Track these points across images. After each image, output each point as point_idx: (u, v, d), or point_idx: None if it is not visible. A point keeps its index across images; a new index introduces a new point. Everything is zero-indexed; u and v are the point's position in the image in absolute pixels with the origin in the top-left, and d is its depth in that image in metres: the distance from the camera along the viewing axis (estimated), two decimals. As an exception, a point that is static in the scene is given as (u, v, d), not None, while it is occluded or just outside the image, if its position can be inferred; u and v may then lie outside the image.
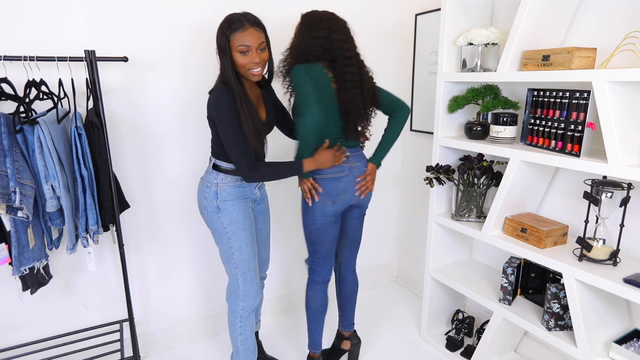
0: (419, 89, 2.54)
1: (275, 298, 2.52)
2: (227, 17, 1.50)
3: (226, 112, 1.48)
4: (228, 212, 1.63)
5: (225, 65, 1.49)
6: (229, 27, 1.47)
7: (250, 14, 1.52)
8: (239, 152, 1.51)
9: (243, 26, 1.47)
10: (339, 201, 1.72)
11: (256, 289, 1.73)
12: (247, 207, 1.70)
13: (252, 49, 1.49)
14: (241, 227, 1.65)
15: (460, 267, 2.21)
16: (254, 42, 1.49)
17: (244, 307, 1.72)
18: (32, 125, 1.52)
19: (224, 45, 1.48)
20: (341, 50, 1.63)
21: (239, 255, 1.67)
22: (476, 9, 1.97)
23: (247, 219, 1.67)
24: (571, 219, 1.82)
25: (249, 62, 1.50)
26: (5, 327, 1.86)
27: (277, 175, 1.61)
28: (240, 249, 1.66)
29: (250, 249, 1.69)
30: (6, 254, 1.60)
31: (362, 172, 1.76)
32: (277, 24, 2.09)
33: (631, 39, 1.44)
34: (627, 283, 1.38)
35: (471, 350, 2.09)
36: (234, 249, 1.66)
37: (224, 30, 1.48)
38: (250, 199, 1.72)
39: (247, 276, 1.70)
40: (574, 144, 1.53)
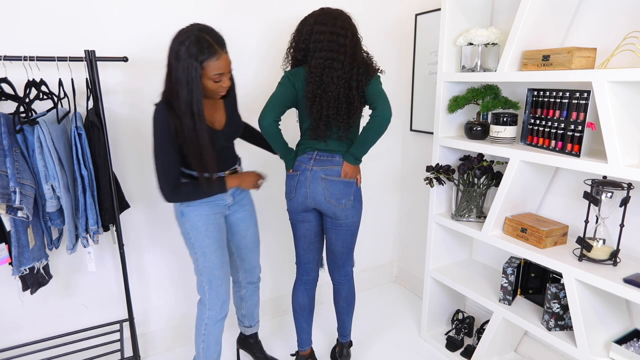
0: (419, 89, 2.53)
1: (271, 299, 2.52)
2: (192, 37, 1.36)
3: (158, 132, 1.43)
4: (190, 217, 1.59)
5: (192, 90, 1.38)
6: (201, 52, 1.36)
7: (213, 31, 1.41)
8: (161, 173, 1.47)
9: (217, 52, 1.39)
10: (292, 199, 1.75)
11: (223, 299, 1.68)
12: (214, 213, 1.64)
13: (225, 74, 1.45)
14: (203, 234, 1.60)
15: (460, 267, 2.21)
16: (227, 69, 1.45)
17: (210, 316, 1.68)
18: (32, 125, 1.52)
19: (194, 74, 1.37)
20: (316, 44, 1.58)
21: (203, 262, 1.62)
22: (476, 9, 1.97)
23: (213, 225, 1.62)
24: (571, 219, 1.82)
25: (219, 87, 1.46)
26: (5, 327, 1.86)
27: (199, 194, 1.56)
28: (204, 255, 1.62)
29: (215, 256, 1.63)
30: (6, 254, 1.60)
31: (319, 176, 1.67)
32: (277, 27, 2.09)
33: (631, 39, 1.44)
34: (627, 283, 1.38)
35: (471, 350, 2.09)
36: (198, 255, 1.62)
37: (195, 56, 1.36)
38: (218, 204, 1.65)
39: (212, 284, 1.65)
40: (574, 144, 1.53)
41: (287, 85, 1.63)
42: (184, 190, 1.53)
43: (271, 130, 1.60)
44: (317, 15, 1.61)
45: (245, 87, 2.15)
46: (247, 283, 1.92)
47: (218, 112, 1.60)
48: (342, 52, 1.57)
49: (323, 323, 2.46)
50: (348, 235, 1.81)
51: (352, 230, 1.80)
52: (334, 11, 1.62)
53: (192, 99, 1.40)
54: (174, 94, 1.41)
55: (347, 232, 1.79)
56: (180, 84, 1.38)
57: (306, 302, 1.92)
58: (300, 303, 1.92)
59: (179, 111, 1.41)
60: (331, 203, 1.70)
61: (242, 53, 2.12)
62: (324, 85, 1.59)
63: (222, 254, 1.66)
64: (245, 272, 1.90)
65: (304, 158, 1.71)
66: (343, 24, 1.59)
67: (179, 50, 1.36)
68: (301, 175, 1.71)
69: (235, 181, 1.64)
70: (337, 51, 1.57)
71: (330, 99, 1.59)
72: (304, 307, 1.92)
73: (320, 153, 1.69)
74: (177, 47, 1.37)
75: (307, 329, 1.97)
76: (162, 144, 1.45)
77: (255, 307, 2.00)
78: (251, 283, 1.93)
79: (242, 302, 1.96)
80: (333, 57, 1.57)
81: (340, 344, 2.07)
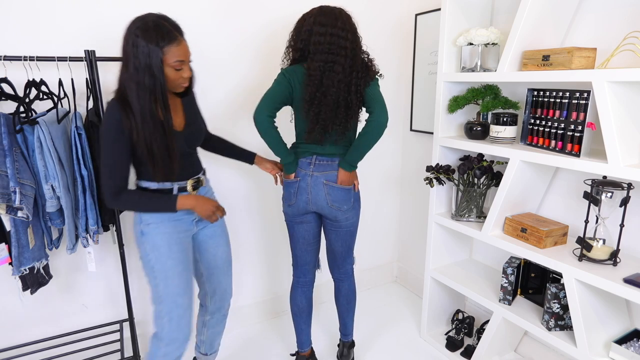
0: (419, 89, 2.53)
1: (270, 300, 2.52)
2: (150, 23, 1.28)
3: (108, 129, 1.31)
4: (151, 237, 1.43)
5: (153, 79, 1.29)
6: (162, 38, 1.28)
7: (170, 19, 1.34)
8: (106, 173, 1.34)
9: (176, 38, 1.31)
10: (292, 205, 1.74)
11: (185, 333, 1.47)
12: (179, 232, 1.48)
13: (186, 63, 1.36)
14: (165, 255, 1.43)
15: (460, 267, 2.21)
16: (188, 57, 1.36)
17: (167, 353, 1.45)
18: (32, 125, 1.52)
19: (156, 59, 1.27)
20: (316, 46, 1.55)
21: (164, 288, 1.43)
22: (476, 9, 1.97)
23: (177, 245, 1.46)
24: (571, 219, 1.82)
25: (180, 77, 1.36)
26: (5, 327, 1.86)
27: (141, 207, 1.40)
28: (165, 280, 1.43)
29: (179, 281, 1.45)
30: (6, 254, 1.60)
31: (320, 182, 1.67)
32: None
33: (631, 39, 1.44)
34: (627, 283, 1.37)
35: (471, 350, 2.09)
36: (158, 280, 1.43)
37: (155, 41, 1.27)
38: (183, 220, 1.50)
39: (173, 314, 1.44)
40: (574, 144, 1.53)
41: (283, 83, 1.60)
42: (127, 197, 1.38)
43: (265, 125, 1.57)
44: (317, 15, 1.57)
45: (231, 91, 2.16)
46: (215, 309, 1.74)
47: (176, 113, 1.47)
48: (343, 54, 1.55)
49: (323, 323, 2.46)
50: (347, 236, 1.81)
51: (351, 231, 1.81)
52: (333, 10, 1.58)
53: (155, 85, 1.29)
54: (132, 86, 1.29)
55: (347, 232, 1.80)
56: (141, 72, 1.28)
57: (304, 304, 1.92)
58: (298, 305, 1.92)
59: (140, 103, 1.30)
60: (334, 207, 1.70)
61: (232, 55, 2.12)
62: (324, 88, 1.56)
63: (186, 279, 1.48)
64: (214, 297, 1.71)
65: (302, 163, 1.68)
66: (344, 25, 1.56)
67: (136, 37, 1.26)
68: (302, 182, 1.69)
69: (188, 203, 1.44)
70: (338, 54, 1.54)
71: (329, 103, 1.57)
72: (302, 309, 1.92)
73: (319, 157, 1.67)
74: (134, 35, 1.27)
75: (306, 330, 1.97)
76: (111, 142, 1.32)
77: (217, 337, 1.82)
78: (219, 310, 1.75)
79: (203, 328, 1.78)
80: (334, 60, 1.54)
81: (342, 343, 2.07)
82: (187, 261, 1.49)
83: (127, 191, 1.38)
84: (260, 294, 2.48)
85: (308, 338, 1.99)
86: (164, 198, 1.42)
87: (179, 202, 1.43)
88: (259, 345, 2.27)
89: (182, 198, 1.43)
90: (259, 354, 2.19)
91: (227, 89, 2.12)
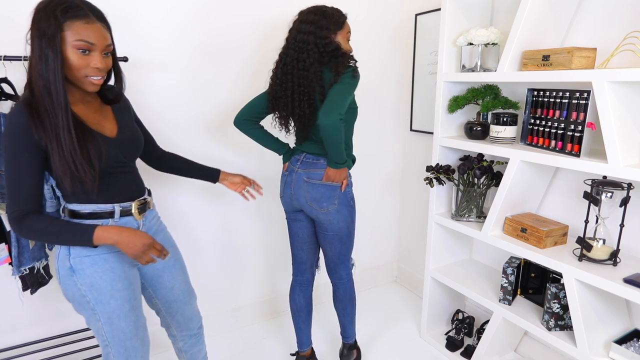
0: (419, 89, 2.53)
1: (269, 300, 2.52)
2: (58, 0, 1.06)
3: (10, 138, 1.07)
4: (85, 275, 1.19)
5: (48, 62, 1.04)
6: (64, 11, 1.05)
7: (92, 4, 1.12)
8: (9, 193, 1.11)
9: (86, 16, 1.08)
10: (282, 198, 1.81)
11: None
12: (122, 263, 1.26)
13: (96, 49, 1.11)
14: (108, 294, 1.21)
15: (460, 267, 2.21)
16: (100, 42, 1.11)
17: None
18: (32, 125, 1.51)
19: (51, 32, 1.03)
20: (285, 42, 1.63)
21: (110, 330, 1.23)
22: (476, 9, 1.97)
23: (121, 282, 1.24)
24: (571, 219, 1.82)
25: (88, 65, 1.10)
26: (5, 327, 1.86)
27: (51, 238, 1.13)
28: (111, 322, 1.23)
29: (126, 322, 1.25)
30: (6, 254, 1.60)
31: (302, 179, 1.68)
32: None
33: (631, 39, 1.44)
34: (627, 283, 1.37)
35: (471, 350, 2.09)
36: (102, 323, 1.23)
37: (54, 12, 1.04)
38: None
39: (121, 357, 1.26)
40: (574, 144, 1.53)
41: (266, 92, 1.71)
42: (33, 224, 1.11)
43: (244, 127, 1.72)
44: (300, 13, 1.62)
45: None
46: (184, 336, 1.56)
47: (106, 120, 1.26)
48: (303, 48, 1.55)
49: (324, 323, 2.46)
50: (335, 241, 1.77)
51: (339, 236, 1.75)
52: (313, 7, 1.60)
53: (48, 69, 1.05)
54: (32, 83, 1.08)
55: (334, 237, 1.76)
56: (36, 55, 1.05)
57: (302, 303, 1.93)
58: (297, 304, 1.93)
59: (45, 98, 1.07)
60: (312, 206, 1.69)
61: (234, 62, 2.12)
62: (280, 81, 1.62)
63: (135, 317, 1.28)
64: (180, 327, 1.53)
65: (293, 159, 1.75)
66: (312, 19, 1.56)
67: (35, 15, 1.06)
68: (288, 176, 1.75)
69: (111, 236, 1.15)
70: (297, 49, 1.57)
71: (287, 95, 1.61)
72: (301, 308, 1.93)
73: (307, 155, 1.70)
74: (32, 19, 1.06)
75: (305, 330, 1.97)
76: (13, 154, 1.08)
77: (199, 353, 1.64)
78: (190, 336, 1.57)
79: (181, 353, 1.62)
80: (291, 55, 1.58)
81: (343, 344, 2.07)
82: (135, 297, 1.28)
83: (33, 217, 1.12)
84: (260, 294, 2.48)
85: (308, 338, 1.99)
86: (80, 229, 1.14)
87: (96, 235, 1.13)
88: (259, 345, 2.27)
89: (102, 230, 1.14)
90: (259, 354, 2.20)
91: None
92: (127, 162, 1.29)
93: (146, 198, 1.36)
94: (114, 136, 1.25)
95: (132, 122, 1.35)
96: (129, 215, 1.28)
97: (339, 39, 1.60)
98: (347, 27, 1.63)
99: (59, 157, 1.09)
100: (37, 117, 1.07)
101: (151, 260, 1.21)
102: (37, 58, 1.05)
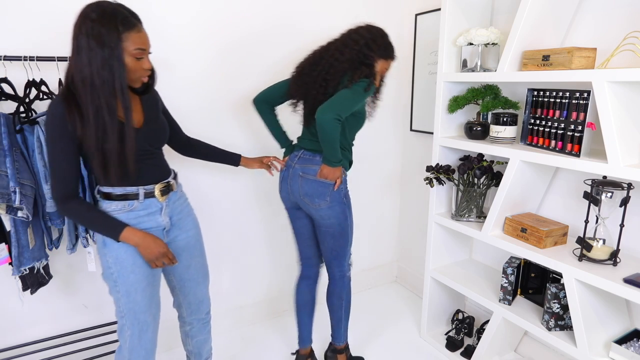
0: (419, 89, 2.53)
1: (270, 299, 2.52)
2: (108, 10, 1.17)
3: (53, 129, 1.20)
4: (113, 248, 1.33)
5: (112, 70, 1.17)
6: (121, 23, 1.17)
7: (132, 10, 1.23)
8: (56, 177, 1.25)
9: (137, 25, 1.21)
10: (280, 192, 1.84)
11: (147, 348, 1.41)
12: None
13: (146, 53, 1.26)
14: (129, 269, 1.34)
15: (460, 267, 2.21)
16: (148, 47, 1.26)
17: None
18: (32, 125, 1.52)
19: (113, 43, 1.16)
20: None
21: (126, 303, 1.35)
22: (476, 9, 1.97)
23: (142, 258, 1.36)
24: (571, 219, 1.82)
25: (141, 68, 1.25)
26: (5, 327, 1.86)
27: (85, 223, 1.33)
28: (128, 295, 1.35)
29: (142, 296, 1.37)
30: (6, 254, 1.60)
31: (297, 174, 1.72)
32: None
33: (631, 39, 1.44)
34: (627, 283, 1.37)
35: (471, 350, 2.09)
36: (121, 294, 1.35)
37: (114, 24, 1.16)
38: (152, 232, 1.39)
39: (135, 330, 1.37)
40: (574, 144, 1.53)
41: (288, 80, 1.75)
42: (74, 208, 1.28)
43: (258, 106, 1.80)
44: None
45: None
46: (192, 319, 1.65)
47: (134, 111, 1.34)
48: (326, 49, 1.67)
49: (325, 324, 2.45)
50: (328, 237, 1.77)
51: (331, 233, 1.76)
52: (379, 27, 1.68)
53: (114, 76, 1.18)
54: (85, 78, 1.17)
55: (327, 233, 1.77)
56: (96, 62, 1.16)
57: (308, 298, 1.94)
58: (302, 298, 1.94)
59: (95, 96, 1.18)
60: (305, 201, 1.72)
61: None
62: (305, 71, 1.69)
63: (150, 294, 1.40)
64: (190, 308, 1.62)
65: (292, 156, 1.79)
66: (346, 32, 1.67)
67: (90, 24, 1.15)
68: (285, 172, 1.79)
69: (135, 239, 1.31)
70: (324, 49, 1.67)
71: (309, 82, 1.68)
72: (306, 302, 1.94)
73: (305, 152, 1.73)
74: (86, 22, 1.15)
75: (308, 325, 1.97)
76: (53, 141, 1.22)
77: (204, 344, 1.72)
78: (198, 320, 1.66)
79: (187, 339, 1.70)
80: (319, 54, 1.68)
81: (329, 345, 2.04)
82: (152, 275, 1.40)
83: (77, 201, 1.29)
84: (260, 294, 2.48)
85: (309, 334, 1.99)
86: (112, 224, 1.30)
87: (124, 234, 1.30)
88: (259, 345, 2.27)
89: (130, 231, 1.31)
90: (259, 354, 2.20)
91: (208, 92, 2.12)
92: (153, 150, 1.39)
93: (169, 181, 1.44)
94: (140, 126, 1.35)
95: (158, 114, 1.44)
96: (152, 197, 1.38)
97: (378, 65, 1.65)
98: (389, 64, 1.69)
99: (89, 146, 1.21)
100: (74, 110, 1.19)
101: (161, 266, 1.37)
102: (100, 66, 1.16)
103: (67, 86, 1.22)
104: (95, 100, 1.18)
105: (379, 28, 1.66)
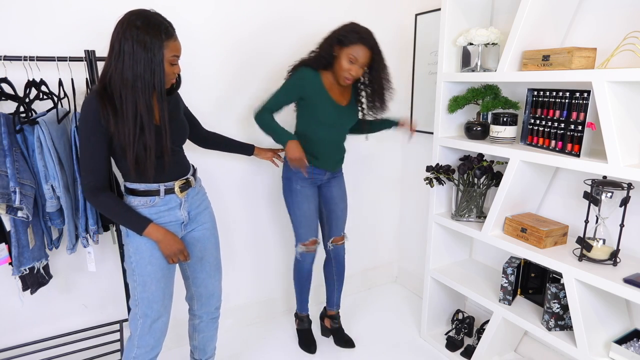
0: (419, 89, 2.53)
1: (265, 301, 2.52)
2: (151, 18, 1.29)
3: (86, 123, 1.30)
4: (134, 239, 1.42)
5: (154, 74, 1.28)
6: (164, 32, 1.29)
7: (168, 20, 1.35)
8: (87, 169, 1.34)
9: (173, 34, 1.33)
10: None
11: (157, 336, 1.48)
12: None
13: (178, 59, 1.38)
14: (147, 260, 1.42)
15: (460, 267, 2.21)
16: (180, 53, 1.39)
17: (137, 356, 1.46)
18: (32, 125, 1.52)
19: (157, 49, 1.27)
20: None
21: (141, 292, 1.43)
22: (476, 9, 1.97)
23: (160, 251, 1.44)
24: (571, 219, 1.82)
25: (174, 72, 1.38)
26: (5, 327, 1.86)
27: (113, 216, 1.39)
28: (144, 285, 1.43)
29: (157, 287, 1.45)
30: (6, 254, 1.60)
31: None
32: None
33: (631, 39, 1.44)
34: (627, 283, 1.37)
35: (471, 350, 2.09)
36: (137, 283, 1.44)
37: (159, 32, 1.27)
38: (169, 224, 1.48)
39: (147, 319, 1.45)
40: (574, 144, 1.53)
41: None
42: (105, 200, 1.37)
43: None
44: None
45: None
46: (202, 313, 1.71)
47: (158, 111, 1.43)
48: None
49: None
50: None
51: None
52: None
53: (154, 80, 1.29)
54: (126, 81, 1.27)
55: None
56: (141, 66, 1.26)
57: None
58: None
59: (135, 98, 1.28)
60: None
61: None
62: None
63: (165, 285, 1.48)
64: (201, 300, 1.69)
65: None
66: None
67: (138, 30, 1.25)
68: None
69: (157, 234, 1.41)
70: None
71: None
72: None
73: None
74: (132, 28, 1.25)
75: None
76: (87, 134, 1.30)
77: (210, 341, 1.78)
78: (207, 313, 1.72)
79: (194, 333, 1.76)
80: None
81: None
82: (167, 268, 1.48)
83: (107, 194, 1.37)
84: (260, 294, 2.48)
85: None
86: (137, 219, 1.39)
87: (147, 229, 1.39)
88: (259, 345, 2.27)
89: (153, 227, 1.40)
90: (259, 354, 2.20)
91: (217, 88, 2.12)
92: (174, 148, 1.47)
93: (188, 178, 1.52)
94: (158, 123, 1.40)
95: (179, 114, 1.53)
96: (172, 193, 1.47)
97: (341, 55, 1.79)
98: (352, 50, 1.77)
99: (122, 142, 1.30)
100: (107, 107, 1.27)
101: (176, 262, 1.46)
102: (142, 70, 1.26)
103: (103, 85, 1.30)
104: (135, 100, 1.28)
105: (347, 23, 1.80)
